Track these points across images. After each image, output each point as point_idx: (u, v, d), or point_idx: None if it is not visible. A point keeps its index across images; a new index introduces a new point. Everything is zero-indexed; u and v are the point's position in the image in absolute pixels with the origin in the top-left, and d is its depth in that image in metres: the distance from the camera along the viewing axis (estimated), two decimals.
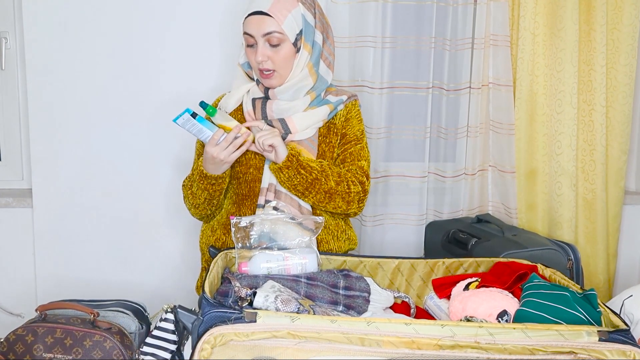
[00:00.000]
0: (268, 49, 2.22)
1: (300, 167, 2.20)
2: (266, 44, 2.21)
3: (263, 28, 2.20)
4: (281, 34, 2.20)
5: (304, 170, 2.21)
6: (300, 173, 2.20)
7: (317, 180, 2.22)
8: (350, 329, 1.61)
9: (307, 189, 2.23)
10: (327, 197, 2.25)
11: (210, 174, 2.22)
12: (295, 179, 2.21)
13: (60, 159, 2.95)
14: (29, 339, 2.18)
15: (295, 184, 2.22)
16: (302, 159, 2.22)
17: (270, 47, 2.22)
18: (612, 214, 3.24)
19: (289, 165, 2.20)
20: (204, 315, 1.65)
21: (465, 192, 3.16)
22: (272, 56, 2.23)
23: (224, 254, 2.08)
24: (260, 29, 2.20)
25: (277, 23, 2.19)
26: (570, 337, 1.63)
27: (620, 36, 3.08)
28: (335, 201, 2.26)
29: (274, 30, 2.20)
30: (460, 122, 3.10)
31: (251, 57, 2.26)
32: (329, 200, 2.25)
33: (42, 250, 3.00)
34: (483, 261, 2.23)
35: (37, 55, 2.87)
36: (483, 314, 1.85)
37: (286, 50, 2.23)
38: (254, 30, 2.21)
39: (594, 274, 3.21)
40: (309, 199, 2.26)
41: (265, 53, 2.22)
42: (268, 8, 2.19)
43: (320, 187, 2.22)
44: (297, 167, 2.20)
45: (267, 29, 2.20)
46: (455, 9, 3.00)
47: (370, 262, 2.18)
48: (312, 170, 2.21)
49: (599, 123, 3.10)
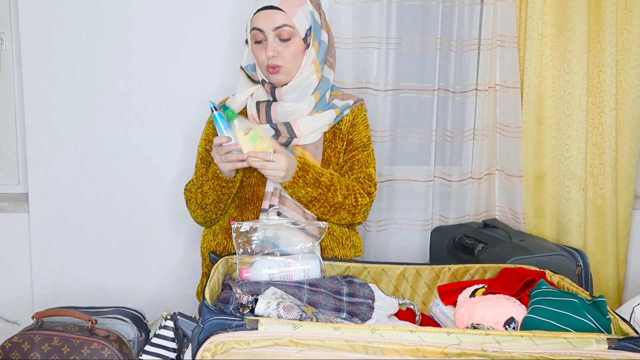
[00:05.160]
0: (278, 44, 2.21)
1: (307, 185, 2.19)
2: (276, 39, 2.21)
3: (274, 22, 2.19)
4: (292, 27, 2.20)
5: (311, 187, 2.19)
6: (305, 190, 2.20)
7: (323, 195, 2.21)
8: (354, 336, 1.61)
9: (310, 202, 2.23)
10: (332, 210, 2.24)
11: (222, 176, 2.20)
12: (300, 193, 2.20)
13: (57, 162, 2.94)
14: (25, 347, 2.21)
15: (299, 197, 2.22)
16: (310, 177, 2.19)
17: (280, 42, 2.21)
18: (622, 219, 3.23)
19: (295, 185, 2.19)
20: (204, 323, 1.65)
21: (471, 197, 3.16)
22: (282, 52, 2.22)
23: (225, 259, 2.07)
24: (271, 23, 2.19)
25: (288, 17, 2.19)
26: (579, 345, 1.63)
27: (630, 37, 3.06)
28: (340, 214, 2.26)
29: (285, 23, 2.19)
30: (466, 125, 3.09)
31: (259, 53, 2.24)
32: (333, 213, 2.25)
33: (38, 256, 2.99)
34: (490, 267, 2.23)
35: (33, 57, 2.87)
36: (490, 321, 1.84)
37: (296, 45, 2.23)
38: (264, 24, 2.20)
39: (603, 280, 3.19)
40: (312, 211, 2.26)
41: (275, 48, 2.21)
42: (279, 3, 2.19)
43: (326, 202, 2.22)
44: (304, 185, 2.19)
45: (278, 23, 2.19)
46: (461, 9, 3.00)
47: (374, 268, 2.18)
48: (319, 186, 2.20)
49: (609, 126, 3.08)
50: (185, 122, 2.90)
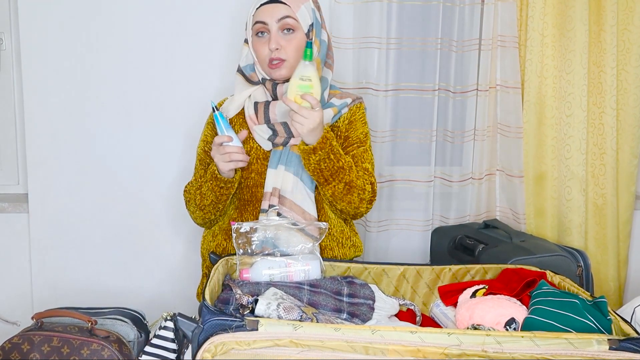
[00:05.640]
0: (281, 38, 2.22)
1: (332, 152, 2.17)
2: (279, 32, 2.22)
3: (278, 13, 2.21)
4: (295, 20, 2.21)
5: (334, 155, 2.17)
6: (330, 158, 2.17)
7: (342, 169, 2.19)
8: (354, 337, 1.60)
9: (332, 176, 2.19)
10: (347, 189, 2.21)
11: (220, 176, 2.19)
12: (324, 162, 2.17)
13: (57, 162, 2.93)
14: (25, 348, 2.21)
15: (323, 168, 2.18)
16: (335, 143, 2.18)
17: (283, 35, 2.22)
18: (622, 219, 3.22)
19: (323, 146, 2.16)
20: (204, 323, 1.64)
21: (472, 197, 3.15)
22: (285, 45, 2.22)
23: (225, 260, 2.07)
24: (274, 15, 2.21)
25: (292, 10, 2.21)
26: (580, 345, 1.63)
27: (631, 37, 3.06)
28: (353, 195, 2.22)
29: (288, 14, 2.21)
30: (467, 125, 3.09)
31: (261, 47, 2.24)
32: (347, 192, 2.21)
33: (38, 257, 2.98)
34: (490, 268, 2.22)
35: (33, 57, 2.86)
36: (490, 322, 1.83)
37: (298, 39, 2.23)
38: (268, 16, 2.22)
39: (604, 280, 3.19)
40: (329, 188, 2.21)
41: (278, 41, 2.22)
42: None
43: (344, 177, 2.19)
44: (329, 150, 2.17)
45: (281, 14, 2.21)
46: (462, 9, 2.99)
47: (374, 269, 2.17)
48: (340, 158, 2.18)
49: (610, 126, 3.08)
50: (186, 121, 2.89)
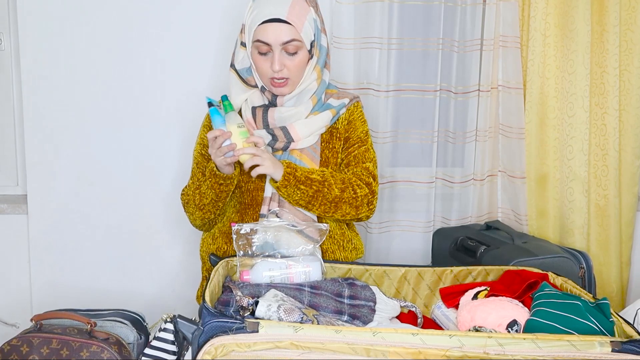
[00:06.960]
0: (285, 58, 2.18)
1: (299, 183, 2.16)
2: (283, 53, 2.17)
3: (282, 37, 2.14)
4: (300, 41, 2.16)
5: (304, 185, 2.17)
6: (299, 189, 2.17)
7: (319, 192, 2.18)
8: (355, 339, 1.61)
9: (309, 203, 2.20)
10: (333, 206, 2.21)
11: (219, 173, 2.18)
12: (296, 195, 2.18)
13: (57, 164, 2.93)
14: (24, 350, 2.22)
15: (297, 199, 2.19)
16: (300, 174, 2.17)
17: (287, 55, 2.18)
18: (625, 220, 3.21)
19: (287, 184, 2.16)
20: (204, 325, 1.65)
21: (473, 198, 3.14)
22: (289, 64, 2.18)
23: (225, 262, 2.07)
24: (278, 38, 2.15)
25: (296, 31, 2.15)
26: (582, 347, 1.64)
27: (633, 37, 3.05)
28: (343, 209, 2.23)
29: (293, 38, 2.15)
30: (468, 126, 3.08)
31: (263, 65, 2.20)
32: (335, 209, 2.22)
33: (37, 258, 2.98)
34: (492, 269, 2.22)
35: (32, 57, 2.86)
36: (492, 323, 1.83)
37: (302, 57, 2.20)
38: (272, 38, 2.15)
39: (606, 282, 3.18)
40: (314, 211, 2.23)
41: (282, 62, 2.17)
42: (286, 15, 2.13)
43: (324, 199, 2.19)
44: (296, 183, 2.16)
45: (286, 38, 2.15)
46: (463, 9, 2.98)
47: (376, 271, 2.17)
48: (312, 184, 2.18)
49: (612, 127, 3.07)
50: (184, 123, 2.88)
